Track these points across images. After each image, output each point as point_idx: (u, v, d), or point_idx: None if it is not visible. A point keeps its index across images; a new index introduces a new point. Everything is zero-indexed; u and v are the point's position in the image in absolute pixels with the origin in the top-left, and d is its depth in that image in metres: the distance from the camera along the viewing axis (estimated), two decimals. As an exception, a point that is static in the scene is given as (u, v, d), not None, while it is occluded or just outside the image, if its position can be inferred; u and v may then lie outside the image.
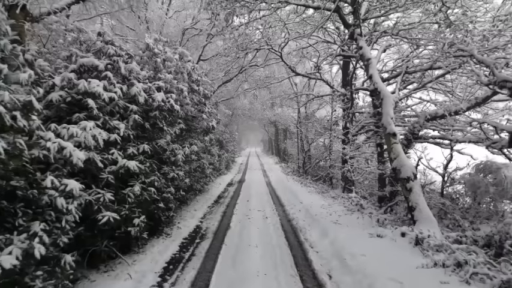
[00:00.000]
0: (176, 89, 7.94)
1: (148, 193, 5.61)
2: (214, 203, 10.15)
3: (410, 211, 6.61)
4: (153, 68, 8.01)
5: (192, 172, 9.59)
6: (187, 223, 7.17)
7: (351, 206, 8.99)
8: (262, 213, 8.45)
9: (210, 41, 13.49)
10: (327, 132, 16.47)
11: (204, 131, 10.51)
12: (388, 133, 7.01)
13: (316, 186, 14.85)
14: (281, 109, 26.57)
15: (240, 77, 17.13)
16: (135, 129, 5.69)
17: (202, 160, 12.10)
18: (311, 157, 20.06)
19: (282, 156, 31.33)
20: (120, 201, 5.06)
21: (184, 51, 8.54)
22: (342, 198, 10.49)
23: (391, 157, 6.93)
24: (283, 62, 11.79)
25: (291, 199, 10.76)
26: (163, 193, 6.49)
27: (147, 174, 5.73)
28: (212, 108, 12.96)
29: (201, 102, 10.09)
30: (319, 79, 12.78)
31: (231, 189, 13.62)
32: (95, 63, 5.34)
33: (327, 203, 9.93)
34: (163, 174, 6.85)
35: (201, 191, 11.41)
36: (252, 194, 11.95)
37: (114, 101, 5.14)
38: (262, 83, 15.30)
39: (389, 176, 8.06)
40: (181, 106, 8.51)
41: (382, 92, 7.29)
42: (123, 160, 4.75)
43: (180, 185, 7.87)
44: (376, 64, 7.74)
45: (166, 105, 6.58)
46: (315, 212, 8.25)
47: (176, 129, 7.67)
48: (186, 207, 8.86)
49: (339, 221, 7.27)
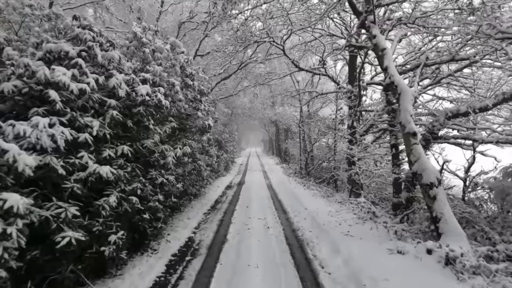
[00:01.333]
0: (167, 83, 7.08)
1: (129, 203, 4.75)
2: (211, 209, 9.28)
3: (434, 222, 5.75)
4: (141, 60, 7.15)
5: (186, 176, 8.72)
6: (179, 235, 6.31)
7: (362, 214, 8.12)
8: (263, 221, 7.59)
9: (207, 33, 12.61)
10: (331, 131, 15.61)
11: (200, 131, 9.64)
12: (407, 132, 6.14)
13: (320, 189, 13.98)
14: (282, 108, 25.72)
15: (239, 73, 16.28)
16: (114, 128, 4.83)
17: (199, 162, 11.25)
18: (314, 158, 19.18)
19: (283, 157, 30.46)
20: (93, 215, 4.20)
21: (176, 41, 7.67)
22: (350, 203, 9.62)
23: (411, 160, 6.07)
24: (286, 56, 10.93)
25: (294, 204, 9.89)
26: (149, 202, 5.63)
27: (128, 181, 4.87)
28: (209, 106, 12.12)
29: (197, 99, 9.23)
30: (324, 75, 11.92)
31: (229, 192, 12.76)
32: (64, 48, 4.47)
33: (334, 209, 9.06)
34: (150, 179, 5.98)
35: (196, 195, 10.54)
36: (252, 198, 11.09)
37: (86, 93, 4.28)
38: (263, 79, 14.41)
39: (405, 181, 7.19)
40: (173, 102, 7.66)
41: (399, 86, 6.42)
42: (94, 165, 3.88)
43: (171, 191, 7.01)
44: (392, 55, 6.87)
45: (153, 100, 5.72)
46: (323, 221, 7.39)
47: (167, 128, 6.81)
48: (179, 214, 7.99)
49: (350, 233, 6.41)
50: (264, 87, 25.51)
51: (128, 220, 5.09)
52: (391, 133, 7.48)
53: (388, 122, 7.56)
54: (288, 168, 23.78)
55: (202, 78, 11.63)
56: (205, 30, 12.53)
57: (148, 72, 6.78)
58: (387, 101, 7.57)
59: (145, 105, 5.34)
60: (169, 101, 7.23)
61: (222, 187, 14.18)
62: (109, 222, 4.31)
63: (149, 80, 5.85)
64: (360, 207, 8.93)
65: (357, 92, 11.60)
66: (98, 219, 4.16)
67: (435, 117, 7.33)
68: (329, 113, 18.72)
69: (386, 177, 10.28)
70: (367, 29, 7.27)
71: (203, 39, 13.02)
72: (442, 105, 10.28)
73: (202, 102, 9.66)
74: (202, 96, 9.68)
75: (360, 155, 10.27)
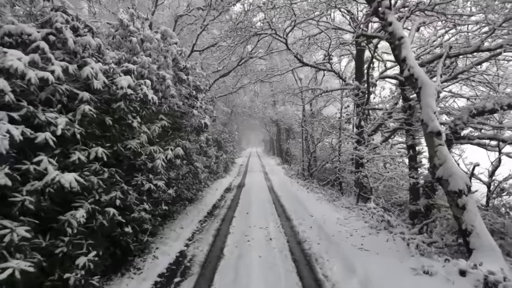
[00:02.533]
0: (156, 76, 6.30)
1: (105, 216, 3.98)
2: (208, 215, 8.50)
3: (463, 235, 4.97)
4: (129, 51, 6.38)
5: (180, 179, 7.95)
6: (169, 249, 5.53)
7: (374, 222, 7.34)
8: (264, 231, 6.81)
9: (206, 26, 11.81)
10: (336, 131, 14.83)
11: (195, 130, 8.87)
12: (430, 132, 5.35)
13: (325, 192, 13.21)
14: (284, 107, 24.94)
15: (239, 71, 15.51)
16: (87, 126, 4.06)
17: (196, 163, 10.49)
18: (316, 159, 18.40)
19: (285, 157, 29.65)
20: (57, 233, 3.43)
21: (168, 30, 6.90)
22: (360, 209, 8.83)
23: (435, 163, 5.27)
24: (289, 50, 10.14)
25: (298, 210, 9.11)
26: (132, 212, 4.85)
27: (105, 190, 4.09)
28: (207, 104, 11.35)
29: (192, 96, 8.46)
30: (330, 70, 11.14)
31: (228, 196, 11.98)
32: (26, 30, 3.71)
33: (342, 216, 8.28)
34: (135, 186, 5.21)
35: (192, 200, 9.77)
36: (252, 203, 10.31)
37: (50, 84, 3.51)
38: (264, 75, 13.60)
39: (424, 186, 6.41)
40: (165, 99, 6.89)
41: (420, 79, 5.63)
42: (54, 172, 3.11)
43: (161, 198, 6.24)
44: (410, 45, 6.09)
45: (137, 94, 4.95)
46: (331, 231, 6.61)
47: (156, 126, 6.04)
48: (172, 223, 7.22)
49: (364, 246, 5.63)
50: (264, 86, 24.75)
51: (107, 235, 4.32)
52: (408, 133, 6.70)
53: (405, 121, 6.78)
54: (289, 169, 22.99)
55: (199, 74, 10.89)
56: (203, 22, 11.75)
57: (136, 64, 6.02)
58: (403, 97, 6.79)
59: (127, 99, 4.56)
60: (159, 96, 6.46)
61: (220, 190, 13.40)
62: (78, 240, 3.54)
63: (133, 71, 5.07)
64: (370, 214, 8.14)
65: (364, 88, 10.84)
66: (62, 238, 3.39)
67: (457, 115, 6.54)
68: (333, 112, 17.96)
69: (398, 181, 9.49)
70: (381, 16, 6.49)
71: (200, 32, 12.25)
72: (455, 103, 9.51)
73: (199, 99, 8.89)
74: (199, 93, 8.91)
75: (368, 156, 9.48)
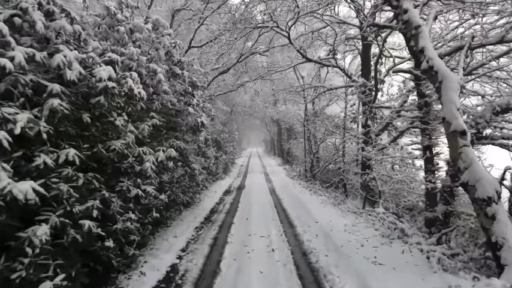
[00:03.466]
0: (146, 69, 5.70)
1: (79, 230, 3.38)
2: (205, 221, 7.90)
3: (493, 249, 4.36)
4: (116, 41, 5.78)
5: (174, 183, 7.36)
6: (159, 262, 4.93)
7: (385, 230, 6.74)
8: (266, 240, 6.20)
9: (204, 20, 11.22)
10: (340, 131, 14.22)
11: (191, 129, 8.27)
12: (453, 131, 4.74)
13: (329, 195, 12.60)
14: (285, 106, 24.34)
15: (239, 68, 14.92)
16: (59, 124, 3.47)
17: (193, 165, 9.91)
18: (319, 159, 17.79)
19: (286, 158, 29.05)
20: (15, 253, 2.83)
21: (160, 20, 6.30)
22: (368, 215, 8.23)
23: (460, 166, 4.66)
24: (291, 44, 9.54)
25: (301, 215, 8.51)
26: (115, 223, 4.25)
27: (80, 199, 3.50)
28: (205, 102, 10.76)
29: (188, 92, 7.86)
30: (335, 66, 10.54)
31: (228, 199, 11.38)
32: (-18, 9, 3.11)
33: (350, 221, 7.68)
34: (119, 192, 4.61)
35: (189, 204, 9.17)
36: (252, 207, 9.71)
37: (9, 73, 2.92)
38: (265, 72, 12.99)
39: (442, 191, 5.80)
40: (157, 95, 6.30)
41: (441, 72, 5.02)
42: (6, 180, 2.51)
43: (152, 204, 5.64)
44: (429, 34, 5.48)
45: (122, 87, 4.35)
46: (340, 240, 6.00)
47: (146, 125, 5.45)
48: (165, 230, 6.63)
49: (378, 259, 5.02)
50: (265, 84, 24.16)
51: (83, 251, 3.72)
52: (424, 132, 6.09)
53: (420, 119, 6.18)
54: (291, 170, 22.39)
55: (197, 70, 10.32)
56: (201, 16, 11.16)
57: (123, 55, 5.42)
58: (418, 93, 6.19)
59: (108, 94, 3.96)
60: (150, 92, 5.87)
61: (219, 192, 12.81)
62: (42, 261, 2.94)
63: (117, 61, 4.46)
64: (380, 220, 7.54)
65: (372, 85, 10.23)
66: (21, 260, 2.79)
67: (478, 113, 5.93)
68: (336, 111, 17.35)
69: (408, 183, 8.88)
70: (395, 4, 5.88)
71: (198, 27, 11.66)
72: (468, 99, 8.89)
73: (195, 96, 8.29)
74: (195, 90, 8.32)
75: (377, 158, 8.87)
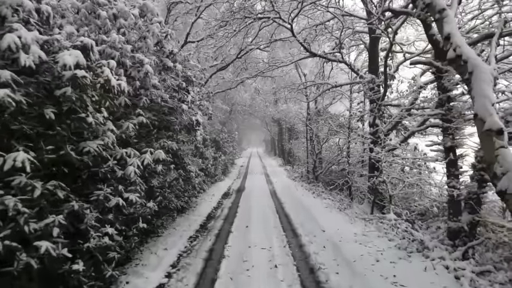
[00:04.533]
0: (131, 59, 5.02)
1: (34, 254, 2.70)
2: (201, 229, 7.21)
3: (538, 271, 3.67)
4: (98, 28, 5.09)
5: (166, 187, 6.66)
6: (143, 283, 4.24)
7: (400, 240, 6.05)
8: (268, 254, 5.51)
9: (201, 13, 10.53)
10: (344, 130, 13.53)
11: (185, 128, 7.58)
12: (487, 130, 4.03)
13: (333, 198, 11.91)
14: (286, 105, 23.65)
15: (238, 65, 14.23)
16: (10, 121, 2.78)
17: (189, 167, 9.24)
18: (322, 160, 17.10)
19: (287, 158, 28.36)
20: None
21: (148, 5, 5.60)
22: (378, 221, 7.54)
23: (496, 171, 3.95)
24: (294, 37, 8.86)
25: (306, 222, 7.82)
26: (87, 241, 3.56)
27: (37, 214, 2.81)
28: (202, 100, 10.09)
29: (181, 88, 7.18)
30: (341, 61, 9.85)
31: (226, 203, 10.69)
32: None
33: (359, 230, 6.99)
34: (95, 202, 3.92)
35: (183, 209, 8.48)
36: (252, 212, 9.02)
37: None
38: (267, 67, 12.28)
39: (467, 199, 5.11)
40: (145, 89, 5.61)
41: (471, 61, 4.31)
42: None
43: (138, 214, 4.95)
44: (455, 19, 4.78)
45: (97, 78, 3.66)
46: (351, 253, 5.31)
47: (131, 123, 4.76)
48: (154, 241, 5.94)
49: (398, 279, 4.33)
50: (266, 83, 23.44)
51: (45, 277, 3.04)
52: (446, 132, 5.40)
53: (442, 116, 5.48)
54: (292, 171, 21.71)
55: (193, 66, 9.65)
56: (198, 9, 10.47)
57: (105, 43, 4.74)
58: (439, 87, 5.49)
59: (76, 84, 3.26)
60: (136, 86, 5.18)
61: (218, 195, 12.12)
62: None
63: (91, 47, 3.76)
64: (393, 229, 6.85)
65: (380, 81, 9.56)
66: None
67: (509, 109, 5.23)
68: (340, 110, 16.66)
69: (421, 187, 8.20)
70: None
71: (195, 20, 10.98)
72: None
73: (190, 93, 7.61)
74: (190, 86, 7.63)
75: (388, 159, 8.19)
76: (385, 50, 9.31)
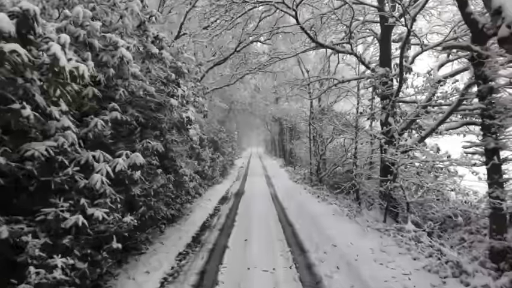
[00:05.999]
0: (102, 40, 4.07)
1: None
2: (192, 243, 6.27)
3: None
4: (63, 3, 4.14)
5: (151, 196, 5.70)
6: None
7: (427, 258, 5.11)
8: (271, 278, 4.55)
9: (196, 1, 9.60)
10: (351, 129, 12.59)
11: (175, 127, 6.64)
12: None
13: (340, 203, 10.95)
14: (287, 103, 22.70)
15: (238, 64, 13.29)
16: None
17: (182, 170, 8.30)
18: (326, 161, 16.15)
19: (288, 159, 27.40)
20: None
21: (125, -23, 4.65)
22: (396, 233, 6.60)
23: None
24: (298, 24, 7.91)
25: (313, 233, 6.88)
26: (24, 279, 2.61)
27: None
28: (196, 95, 9.17)
29: (170, 80, 6.24)
30: (350, 53, 8.91)
31: (223, 209, 9.75)
32: None
33: (376, 244, 6.04)
34: (42, 223, 2.98)
35: (174, 218, 7.54)
36: (253, 221, 8.08)
37: None
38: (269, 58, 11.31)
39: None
40: (122, 79, 4.67)
41: (532, 40, 3.39)
42: None
43: (112, 231, 4.00)
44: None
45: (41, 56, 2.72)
46: (371, 277, 4.37)
47: (100, 120, 3.82)
48: (136, 261, 4.99)
49: (439, 318, 3.39)
50: (266, 80, 22.51)
51: None
52: (487, 131, 4.46)
53: (482, 111, 4.55)
54: (294, 173, 20.74)
55: (187, 59, 8.75)
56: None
57: (67, 18, 3.80)
58: (478, 76, 4.56)
59: (2, 61, 2.31)
60: (110, 74, 4.23)
61: (215, 200, 11.19)
62: None
63: (34, 14, 2.79)
64: (416, 243, 5.90)
65: (395, 75, 8.64)
66: None
67: None
68: (344, 108, 15.71)
69: (443, 193, 7.27)
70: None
71: (190, 9, 10.04)
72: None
73: (181, 86, 6.67)
74: (181, 78, 6.69)
75: (405, 161, 7.25)
76: (399, 41, 8.38)
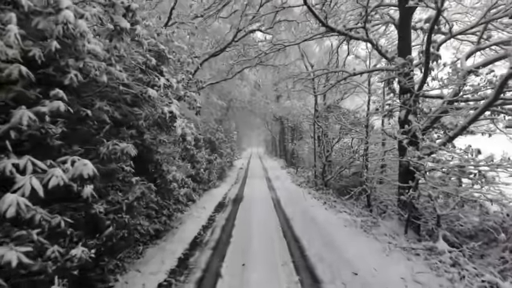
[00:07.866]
0: None
1: None
2: (177, 269, 5.05)
3: None
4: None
5: (122, 212, 4.49)
6: None
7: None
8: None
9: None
10: (360, 129, 11.43)
11: (156, 124, 5.42)
12: None
13: (350, 211, 9.80)
14: (289, 102, 21.51)
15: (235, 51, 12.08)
16: None
17: (172, 175, 7.17)
18: (331, 163, 14.96)
19: (290, 160, 26.19)
20: None
21: None
22: (425, 252, 5.40)
23: None
24: (306, 5, 6.71)
25: (325, 253, 5.67)
26: None
27: None
28: (187, 89, 8.00)
29: (149, 67, 5.04)
30: (365, 40, 7.70)
31: (219, 220, 8.53)
32: None
33: (405, 269, 4.85)
34: None
35: (159, 234, 6.34)
36: (252, 237, 6.87)
37: None
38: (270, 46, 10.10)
39: None
40: (75, 59, 3.46)
41: None
42: None
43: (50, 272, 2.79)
44: None
45: None
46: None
47: (28, 112, 2.61)
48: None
49: None
50: (267, 76, 21.30)
51: None
52: None
53: None
54: (297, 175, 19.54)
55: (179, 48, 7.63)
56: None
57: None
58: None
59: None
60: (52, 49, 3.02)
61: (210, 208, 9.97)
62: None
63: None
64: (458, 271, 4.70)
65: (419, 63, 7.46)
66: None
67: None
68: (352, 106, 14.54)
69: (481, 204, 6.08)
70: None
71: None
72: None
73: (164, 75, 5.46)
74: (163, 64, 5.48)
75: (435, 167, 6.06)
76: (425, 22, 7.18)
